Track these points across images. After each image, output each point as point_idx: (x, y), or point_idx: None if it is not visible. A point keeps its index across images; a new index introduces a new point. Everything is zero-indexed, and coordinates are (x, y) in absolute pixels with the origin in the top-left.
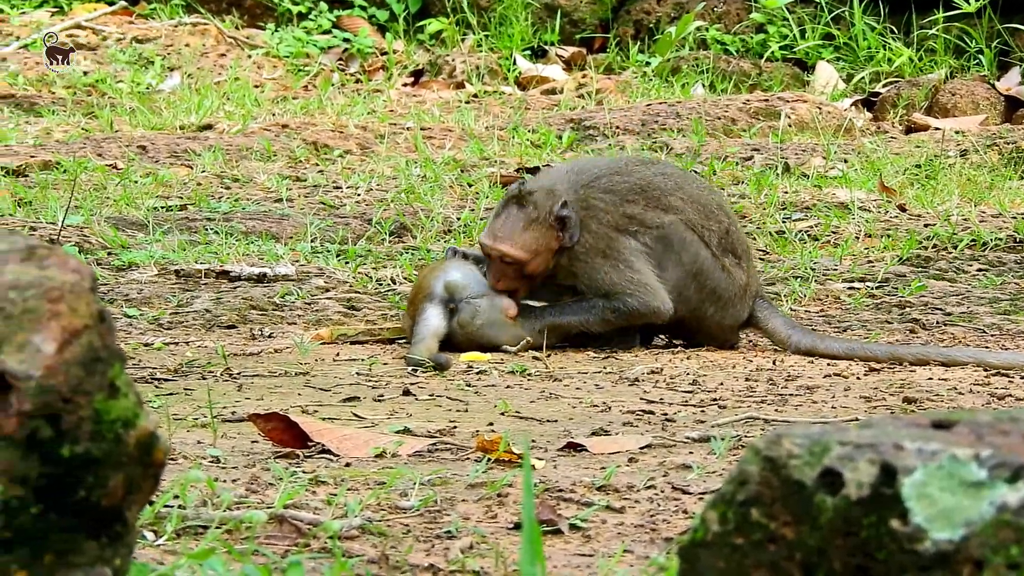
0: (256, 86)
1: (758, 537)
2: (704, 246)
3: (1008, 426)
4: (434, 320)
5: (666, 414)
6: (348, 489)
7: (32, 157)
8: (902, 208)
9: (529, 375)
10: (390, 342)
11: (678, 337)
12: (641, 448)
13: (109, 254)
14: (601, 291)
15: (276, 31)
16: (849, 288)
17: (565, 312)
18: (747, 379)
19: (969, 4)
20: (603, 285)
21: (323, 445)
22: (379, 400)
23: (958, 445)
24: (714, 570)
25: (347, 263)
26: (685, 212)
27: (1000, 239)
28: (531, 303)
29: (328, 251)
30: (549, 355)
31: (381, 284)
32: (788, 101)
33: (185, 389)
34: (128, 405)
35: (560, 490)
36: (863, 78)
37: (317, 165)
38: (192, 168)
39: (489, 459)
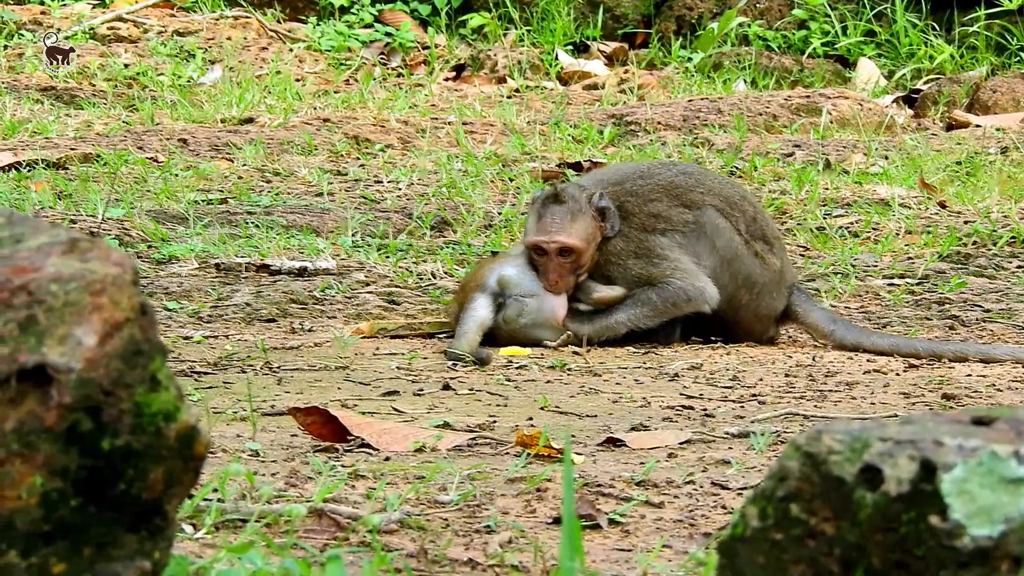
0: (297, 80)
1: (797, 533)
2: (735, 232)
3: None
4: (481, 311)
5: (705, 409)
6: (387, 483)
7: (72, 150)
8: (942, 205)
9: (569, 370)
10: (430, 336)
11: (715, 332)
12: (680, 443)
13: (149, 247)
14: (641, 284)
15: (318, 25)
16: (889, 284)
17: (613, 313)
18: (787, 375)
19: (1011, 1)
20: (643, 280)
21: (362, 439)
22: (419, 394)
23: (998, 441)
24: (753, 565)
25: (388, 257)
26: (712, 202)
27: None
28: (579, 305)
29: (369, 245)
30: (589, 350)
31: (422, 278)
32: (830, 98)
33: (225, 383)
34: (169, 398)
35: (599, 485)
36: (904, 75)
37: (358, 159)
38: (233, 161)
39: (528, 454)
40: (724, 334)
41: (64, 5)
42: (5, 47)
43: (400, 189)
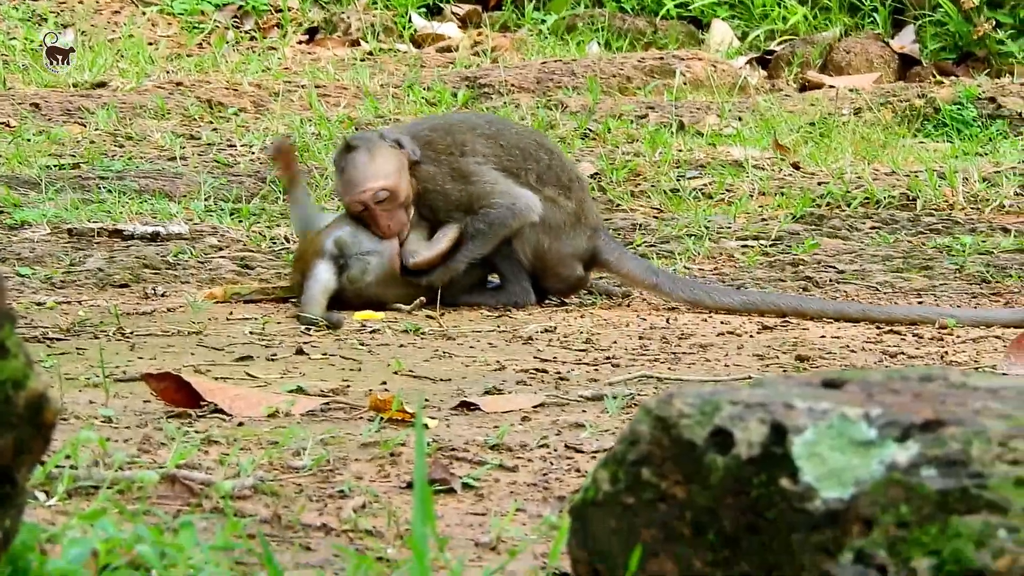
0: (150, 43)
1: (649, 497)
2: (522, 184)
3: (898, 385)
4: (324, 276)
5: (559, 373)
6: (240, 449)
7: None
8: (796, 166)
9: (423, 334)
10: (283, 300)
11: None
12: (534, 407)
13: (1, 212)
14: (463, 209)
15: None
16: (743, 246)
17: (450, 257)
18: (640, 337)
19: None
20: (464, 203)
21: (215, 405)
22: (272, 359)
23: (848, 404)
24: (605, 529)
25: (241, 222)
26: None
27: (893, 197)
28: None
29: (222, 209)
30: (443, 313)
31: (275, 243)
32: (683, 59)
33: (77, 348)
34: (18, 366)
35: (453, 449)
36: (758, 36)
37: (211, 123)
38: (86, 126)
39: (382, 418)
40: (534, 281)
41: None
42: None
43: (253, 153)
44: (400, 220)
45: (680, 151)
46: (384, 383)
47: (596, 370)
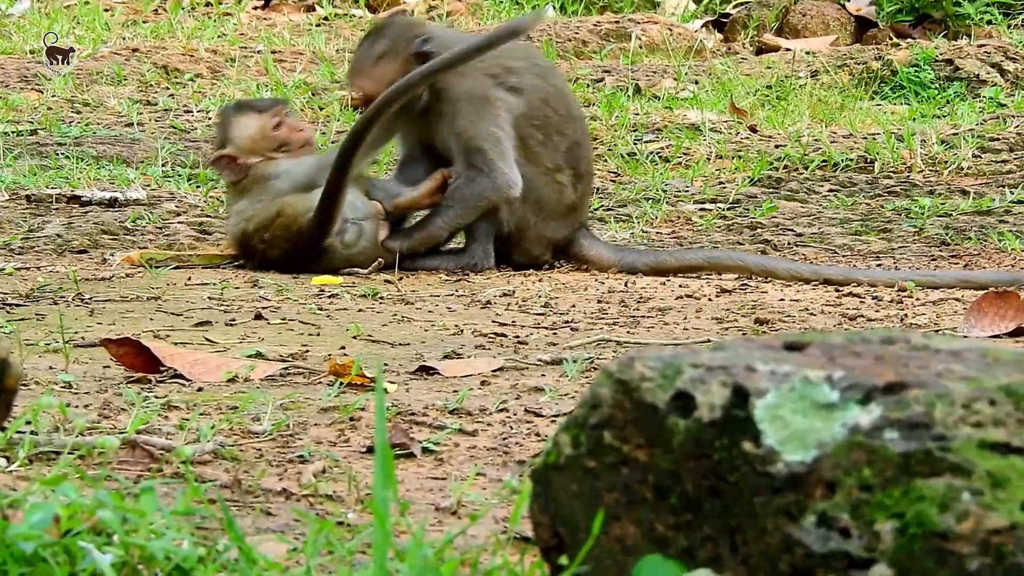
0: (106, 10)
1: (611, 460)
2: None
3: (860, 347)
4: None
5: (518, 336)
6: (200, 414)
7: None
8: (753, 129)
9: (381, 298)
10: (205, 268)
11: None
12: (493, 371)
13: None
14: (458, 137)
15: None
16: (701, 209)
17: (429, 222)
18: (599, 301)
19: None
20: (466, 132)
21: (175, 370)
22: (231, 324)
23: (810, 367)
24: (567, 493)
25: (198, 187)
26: (533, 99)
27: (851, 160)
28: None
29: (179, 175)
30: (401, 278)
31: None
32: (639, 23)
33: (37, 314)
34: None
35: (412, 413)
36: None
37: (168, 89)
38: (42, 93)
39: (341, 383)
40: (499, 246)
41: None
42: None
43: (210, 119)
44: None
45: (637, 115)
46: (343, 348)
47: (555, 334)
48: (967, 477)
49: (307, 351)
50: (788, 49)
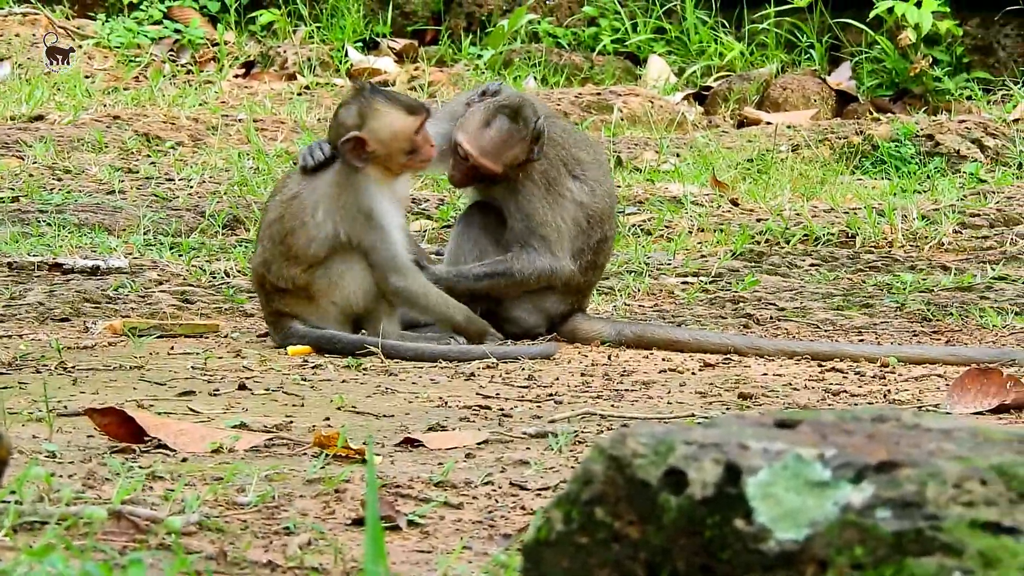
0: (87, 76)
1: (602, 536)
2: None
3: (851, 425)
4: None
5: (503, 409)
6: (185, 485)
7: None
8: (735, 202)
9: (365, 369)
10: (188, 337)
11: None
12: (478, 444)
13: None
14: (526, 218)
15: (107, 21)
16: (683, 283)
17: (469, 273)
18: (583, 374)
19: None
20: (533, 214)
21: (159, 440)
22: (215, 395)
23: (802, 445)
24: (558, 569)
25: (180, 256)
26: (594, 194)
27: (832, 234)
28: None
29: (161, 244)
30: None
31: (215, 277)
32: (620, 95)
33: (20, 383)
34: None
35: (398, 486)
36: (695, 72)
37: (149, 157)
38: (23, 159)
39: (327, 454)
40: (489, 304)
41: None
42: None
43: (192, 187)
44: (466, 182)
45: (619, 187)
46: (327, 419)
47: (539, 407)
48: (958, 557)
49: (291, 422)
50: (769, 123)
